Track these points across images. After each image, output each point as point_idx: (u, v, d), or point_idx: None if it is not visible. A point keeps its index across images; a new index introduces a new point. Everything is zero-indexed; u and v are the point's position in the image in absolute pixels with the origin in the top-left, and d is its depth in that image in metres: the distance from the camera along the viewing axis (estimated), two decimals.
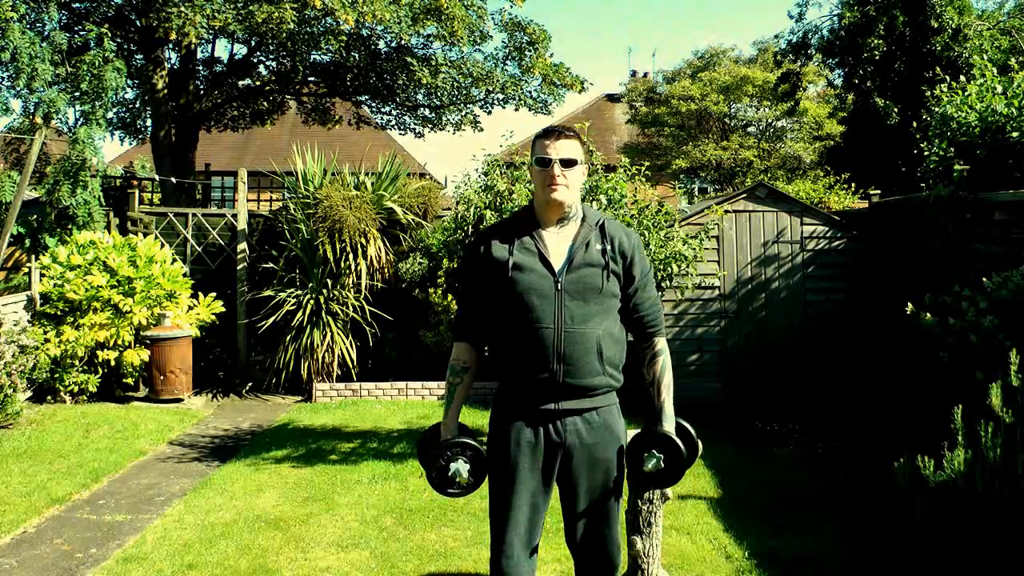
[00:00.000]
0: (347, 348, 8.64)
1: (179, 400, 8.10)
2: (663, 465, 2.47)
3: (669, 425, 2.52)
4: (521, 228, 2.52)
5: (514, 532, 2.49)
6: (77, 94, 8.73)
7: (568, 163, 2.45)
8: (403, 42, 11.05)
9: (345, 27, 9.80)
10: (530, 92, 12.01)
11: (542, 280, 2.44)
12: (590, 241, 2.49)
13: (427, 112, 13.16)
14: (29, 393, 7.54)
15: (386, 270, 8.93)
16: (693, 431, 2.59)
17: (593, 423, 2.48)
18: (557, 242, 2.49)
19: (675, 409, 2.58)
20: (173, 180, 11.31)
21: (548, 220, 2.52)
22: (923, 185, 7.15)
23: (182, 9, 9.16)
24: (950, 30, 11.87)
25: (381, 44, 11.58)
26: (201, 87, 12.73)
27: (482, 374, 2.68)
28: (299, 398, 8.62)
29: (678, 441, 2.46)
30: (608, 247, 2.49)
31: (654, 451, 2.47)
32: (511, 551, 2.49)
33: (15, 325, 7.18)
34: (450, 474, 2.47)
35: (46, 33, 9.45)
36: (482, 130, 13.48)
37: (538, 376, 2.43)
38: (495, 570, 2.52)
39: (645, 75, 23.93)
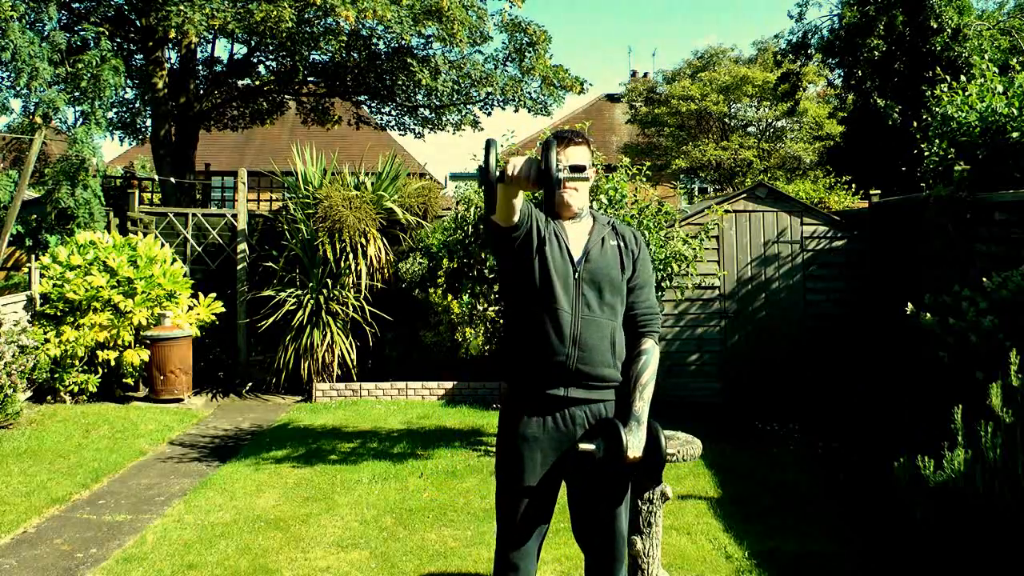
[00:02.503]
0: (347, 348, 8.64)
1: (179, 400, 8.10)
2: (602, 453, 2.41)
3: (633, 421, 2.47)
4: (546, 214, 2.61)
5: (520, 524, 2.52)
6: (76, 94, 8.73)
7: (578, 169, 2.55)
8: (403, 42, 11.04)
9: (345, 25, 9.78)
10: (530, 94, 12.00)
11: (564, 266, 2.51)
12: (605, 237, 2.59)
13: (427, 112, 13.16)
14: (29, 393, 7.54)
15: (386, 270, 8.93)
16: (664, 439, 2.48)
17: (600, 417, 2.52)
18: (575, 234, 2.58)
19: (675, 410, 2.58)
20: (173, 180, 11.31)
21: (560, 218, 2.62)
22: (923, 185, 7.15)
23: (181, 7, 9.16)
24: (949, 30, 11.86)
25: (381, 44, 11.57)
26: (201, 87, 12.72)
27: (486, 374, 2.67)
28: (299, 398, 8.62)
29: (622, 430, 2.39)
30: (621, 243, 2.61)
31: (599, 437, 2.44)
32: (517, 543, 2.52)
33: (15, 325, 7.18)
34: (563, 176, 2.19)
35: (45, 33, 9.45)
36: (482, 130, 13.47)
37: (552, 359, 2.47)
38: (502, 561, 2.54)
39: (645, 75, 23.92)
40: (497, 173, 2.14)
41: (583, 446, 2.43)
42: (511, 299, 2.60)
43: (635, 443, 2.44)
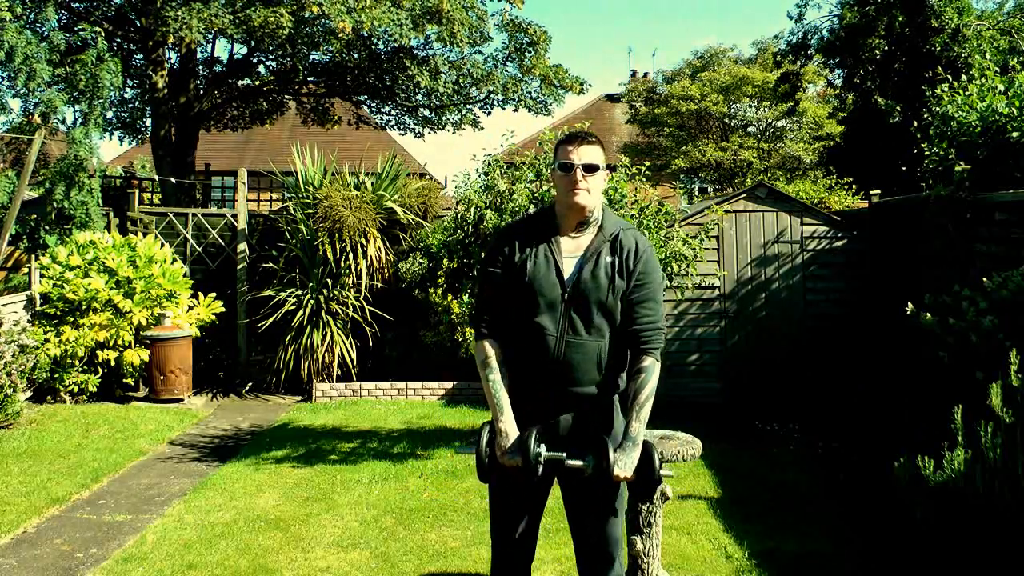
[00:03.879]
0: (347, 348, 8.64)
1: (179, 400, 8.10)
2: (591, 470, 2.36)
3: (628, 442, 2.38)
4: (540, 231, 2.53)
5: (514, 527, 2.53)
6: (75, 94, 8.72)
7: (590, 168, 2.47)
8: (403, 43, 11.03)
9: (343, 36, 9.75)
10: (530, 93, 12.00)
11: (552, 288, 2.45)
12: (601, 253, 2.48)
13: (427, 112, 13.16)
14: (29, 393, 7.54)
15: (386, 270, 8.93)
16: (658, 460, 2.38)
17: (587, 423, 2.49)
18: (571, 250, 2.50)
19: (675, 410, 2.56)
20: (173, 180, 11.30)
21: (567, 225, 2.53)
22: (923, 185, 7.14)
23: (179, 13, 9.16)
24: (949, 30, 11.87)
25: (380, 44, 11.56)
26: (201, 87, 12.72)
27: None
28: (299, 398, 8.62)
29: (610, 450, 2.32)
30: (618, 260, 2.48)
31: (589, 454, 2.38)
32: (511, 546, 2.53)
33: (15, 325, 7.18)
34: (542, 460, 2.38)
35: (45, 33, 9.44)
36: (482, 129, 13.48)
37: (538, 382, 2.47)
38: (496, 564, 2.54)
39: (645, 75, 23.91)
40: (487, 455, 2.46)
41: (571, 462, 2.39)
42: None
43: (627, 463, 2.35)
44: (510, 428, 2.43)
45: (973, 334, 4.47)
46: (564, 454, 2.42)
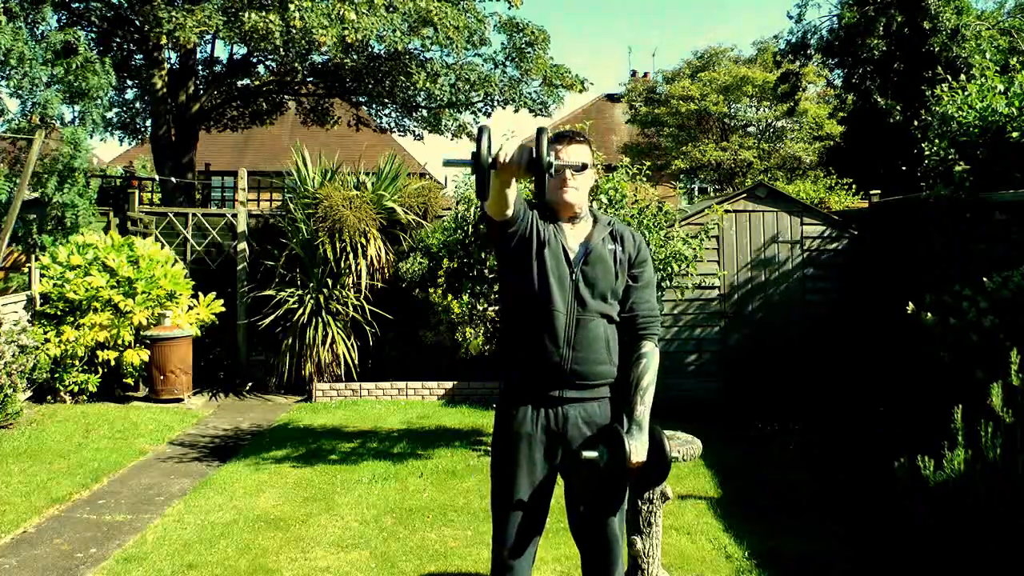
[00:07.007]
0: (347, 348, 8.64)
1: (179, 400, 8.10)
2: (606, 459, 2.39)
3: (635, 427, 2.46)
4: (544, 216, 2.58)
5: (515, 524, 2.53)
6: (70, 94, 8.71)
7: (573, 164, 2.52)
8: (399, 48, 11.03)
9: (327, 50, 9.72)
10: (529, 94, 12.00)
11: (561, 266, 2.51)
12: (605, 238, 2.58)
13: (425, 113, 13.16)
14: (29, 393, 7.54)
15: (386, 270, 8.93)
16: (667, 442, 2.46)
17: (594, 417, 2.52)
18: (573, 236, 2.57)
19: (675, 409, 2.58)
20: (173, 180, 11.31)
21: (560, 218, 2.60)
22: (923, 185, 7.15)
23: (173, 14, 9.16)
24: (947, 31, 11.88)
25: (379, 47, 11.56)
26: (201, 87, 12.73)
27: (486, 374, 2.65)
28: (299, 398, 8.62)
29: (624, 437, 2.37)
30: (619, 248, 2.58)
31: (601, 444, 2.43)
32: (512, 542, 2.53)
33: (15, 325, 7.18)
34: (553, 170, 2.14)
35: (42, 34, 9.44)
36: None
37: (547, 360, 2.48)
38: (496, 561, 2.55)
39: (645, 75, 23.93)
40: (489, 160, 2.10)
41: (586, 454, 2.42)
42: (508, 299, 2.61)
43: (638, 448, 2.43)
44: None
45: (973, 333, 4.47)
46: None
